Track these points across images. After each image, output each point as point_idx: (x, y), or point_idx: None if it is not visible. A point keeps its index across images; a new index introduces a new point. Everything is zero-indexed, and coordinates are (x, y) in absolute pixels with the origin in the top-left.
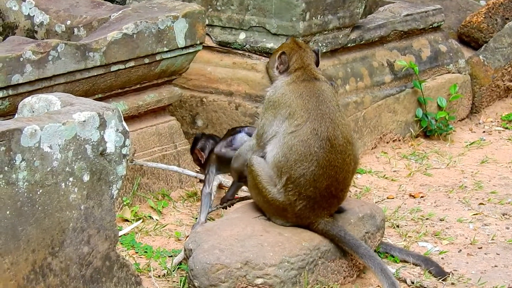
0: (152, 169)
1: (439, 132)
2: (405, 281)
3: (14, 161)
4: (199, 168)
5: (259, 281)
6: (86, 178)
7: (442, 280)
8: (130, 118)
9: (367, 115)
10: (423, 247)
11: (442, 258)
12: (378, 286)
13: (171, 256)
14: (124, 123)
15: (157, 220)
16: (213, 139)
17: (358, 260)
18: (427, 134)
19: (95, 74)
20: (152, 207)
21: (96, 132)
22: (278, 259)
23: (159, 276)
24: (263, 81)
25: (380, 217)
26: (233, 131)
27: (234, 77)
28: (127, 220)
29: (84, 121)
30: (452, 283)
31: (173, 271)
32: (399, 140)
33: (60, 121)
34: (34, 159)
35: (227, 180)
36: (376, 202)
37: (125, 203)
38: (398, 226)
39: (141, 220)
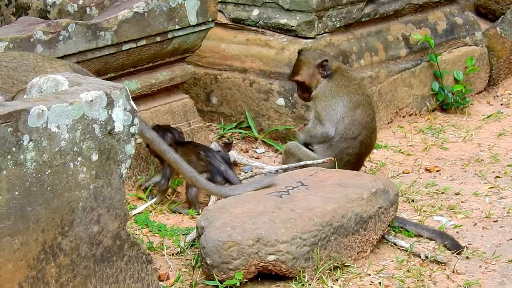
0: None
1: (455, 106)
2: (419, 256)
3: (22, 141)
4: (157, 160)
5: (271, 258)
6: (94, 157)
7: (457, 254)
8: (143, 96)
9: (383, 90)
10: (438, 221)
11: (457, 232)
12: (392, 261)
13: (185, 234)
14: (132, 102)
15: (171, 198)
16: (170, 132)
17: None
18: (443, 107)
19: (107, 53)
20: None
21: (104, 112)
22: (290, 235)
23: (172, 254)
24: (277, 57)
25: (393, 192)
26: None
27: (248, 53)
28: (141, 199)
29: (92, 100)
30: (467, 257)
31: (186, 249)
32: (416, 114)
33: (67, 101)
34: (42, 139)
35: (241, 157)
36: (391, 177)
37: (140, 181)
38: (413, 201)
39: (156, 198)
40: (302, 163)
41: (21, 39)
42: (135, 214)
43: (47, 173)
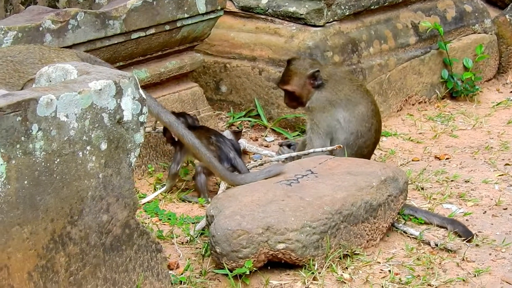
0: None
1: (465, 93)
2: (429, 244)
3: (31, 131)
4: (171, 146)
5: (280, 246)
6: (103, 146)
7: (467, 241)
8: (152, 85)
9: (392, 78)
10: (447, 209)
11: (467, 220)
12: (402, 249)
13: (194, 223)
14: (141, 90)
15: (181, 187)
16: (183, 116)
17: None
18: (453, 95)
19: (116, 42)
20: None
21: (113, 101)
22: (299, 223)
23: (182, 243)
24: (286, 46)
25: (403, 180)
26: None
27: (257, 42)
28: (151, 187)
29: (100, 89)
30: (477, 245)
31: (196, 237)
32: (425, 102)
33: (76, 90)
34: (51, 128)
35: (250, 145)
36: (401, 165)
37: (149, 170)
38: (422, 189)
39: (165, 187)
40: (311, 150)
41: (30, 28)
42: (144, 203)
43: (56, 162)
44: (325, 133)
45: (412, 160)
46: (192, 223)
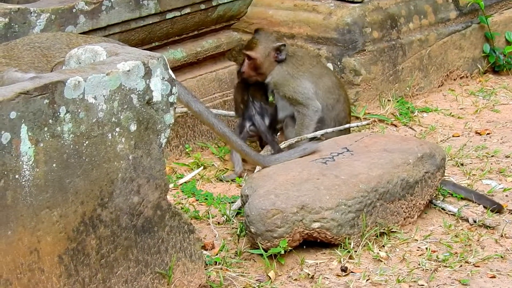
0: None
1: (507, 68)
2: (467, 220)
3: (59, 113)
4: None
5: (315, 225)
6: (133, 127)
7: (496, 213)
8: (189, 65)
9: (433, 53)
10: (487, 185)
11: (506, 196)
12: (440, 226)
13: (231, 202)
14: (170, 71)
15: (219, 166)
16: None
17: None
18: (495, 69)
19: (151, 22)
20: (213, 154)
21: (142, 81)
22: (334, 202)
23: (218, 223)
24: (325, 23)
25: (440, 156)
26: None
27: (295, 19)
28: (188, 167)
29: (129, 70)
30: None
31: (232, 217)
32: (467, 77)
33: (104, 71)
34: (79, 110)
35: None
36: (441, 141)
37: (187, 150)
38: (462, 164)
39: (203, 167)
40: (347, 126)
41: (63, 10)
42: (182, 183)
43: (85, 144)
44: (308, 97)
45: (453, 136)
46: (229, 202)
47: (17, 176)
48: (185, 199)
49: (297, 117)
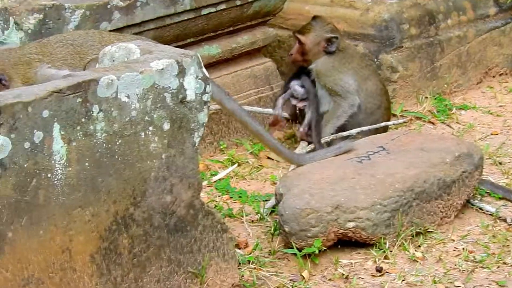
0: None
1: None
2: (505, 220)
3: (91, 112)
4: None
5: (350, 224)
6: (166, 126)
7: None
8: (224, 61)
9: (471, 50)
10: None
11: None
12: (477, 226)
13: (266, 200)
14: (204, 69)
15: (253, 163)
16: None
17: None
18: None
19: (186, 18)
20: (248, 151)
21: (175, 80)
22: (370, 202)
23: (252, 221)
24: (362, 19)
25: (477, 156)
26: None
27: (332, 15)
28: (222, 164)
29: (162, 69)
30: None
31: (266, 216)
32: (506, 74)
33: (138, 70)
34: (112, 109)
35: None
36: (479, 139)
37: (221, 147)
38: (500, 163)
39: (237, 164)
40: (383, 124)
41: (97, 6)
42: (216, 180)
43: (117, 143)
44: (348, 91)
45: (491, 134)
46: (263, 200)
47: (49, 175)
48: (219, 196)
49: (332, 107)
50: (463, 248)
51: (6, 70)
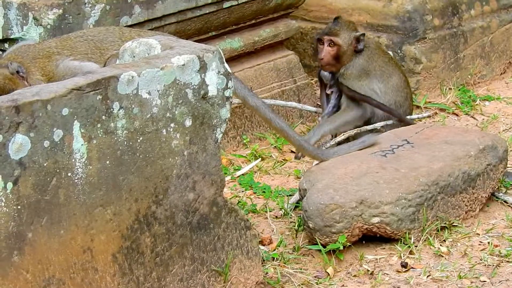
0: (271, 106)
1: None
2: None
3: (112, 109)
4: None
5: (375, 220)
6: (188, 123)
7: None
8: (247, 54)
9: (495, 40)
10: None
11: None
12: (503, 219)
13: (289, 195)
14: (226, 64)
15: (277, 158)
16: None
17: None
18: None
19: (207, 11)
20: (272, 145)
21: (197, 76)
22: (394, 196)
23: (276, 216)
24: (385, 10)
25: (502, 148)
26: None
27: (355, 7)
28: (245, 159)
29: (183, 64)
30: None
31: (290, 211)
32: None
33: (158, 66)
34: (133, 106)
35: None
36: (503, 130)
37: (244, 141)
38: None
39: (260, 158)
40: (415, 116)
41: (118, 1)
42: (239, 175)
43: (139, 140)
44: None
45: None
46: (287, 196)
47: (69, 174)
48: (242, 191)
49: (343, 109)
50: (488, 242)
51: (25, 64)
